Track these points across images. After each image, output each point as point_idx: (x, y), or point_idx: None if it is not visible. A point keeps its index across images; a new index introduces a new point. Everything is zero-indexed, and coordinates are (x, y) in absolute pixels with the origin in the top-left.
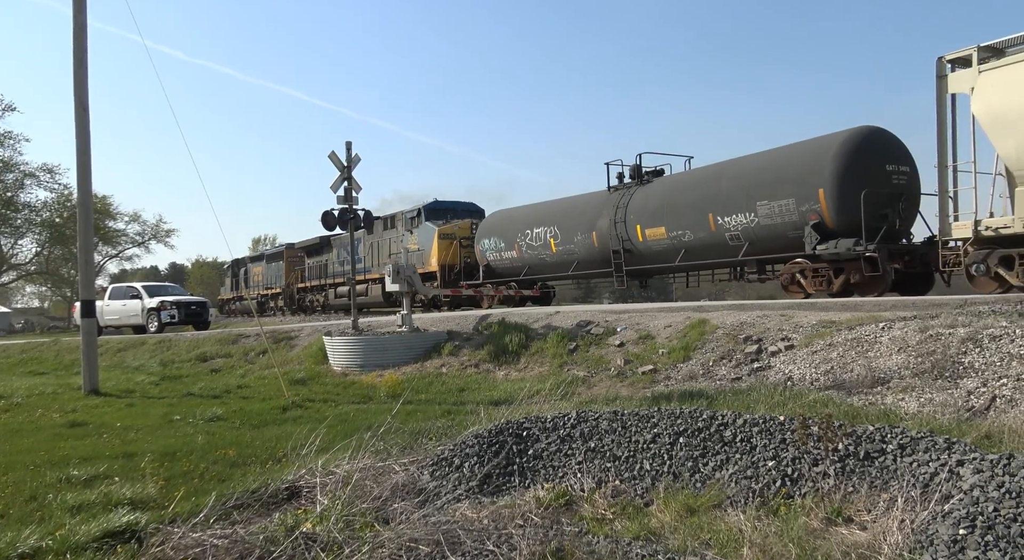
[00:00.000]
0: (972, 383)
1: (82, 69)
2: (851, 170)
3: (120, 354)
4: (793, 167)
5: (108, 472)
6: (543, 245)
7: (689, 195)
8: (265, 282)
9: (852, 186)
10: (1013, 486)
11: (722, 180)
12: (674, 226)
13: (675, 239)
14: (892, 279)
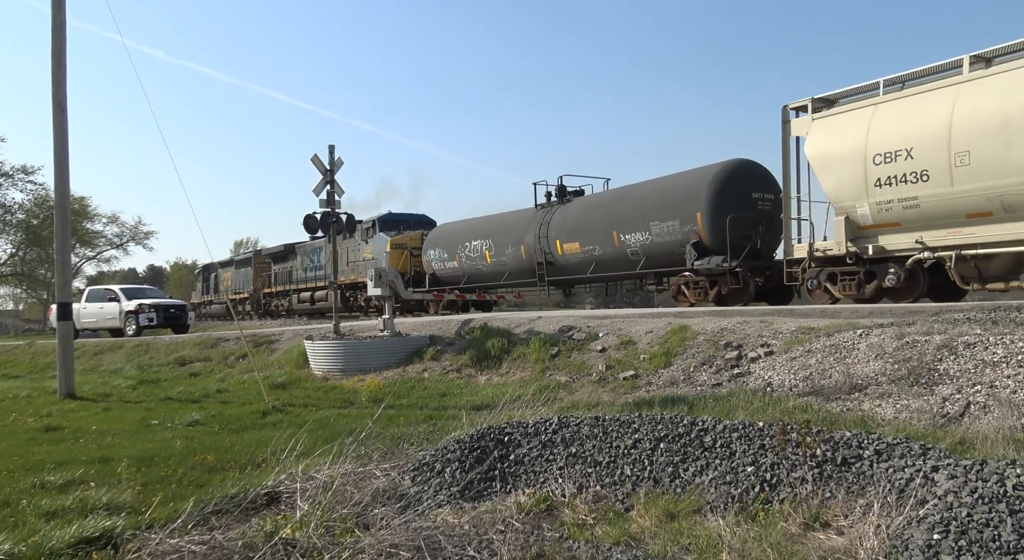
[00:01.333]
0: (947, 390)
1: (60, 68)
2: (721, 197)
3: (97, 357)
4: (678, 193)
5: (84, 477)
6: (480, 256)
7: (598, 215)
8: (234, 287)
9: (722, 211)
10: (986, 491)
11: (624, 202)
12: (586, 242)
13: (587, 253)
14: (755, 291)
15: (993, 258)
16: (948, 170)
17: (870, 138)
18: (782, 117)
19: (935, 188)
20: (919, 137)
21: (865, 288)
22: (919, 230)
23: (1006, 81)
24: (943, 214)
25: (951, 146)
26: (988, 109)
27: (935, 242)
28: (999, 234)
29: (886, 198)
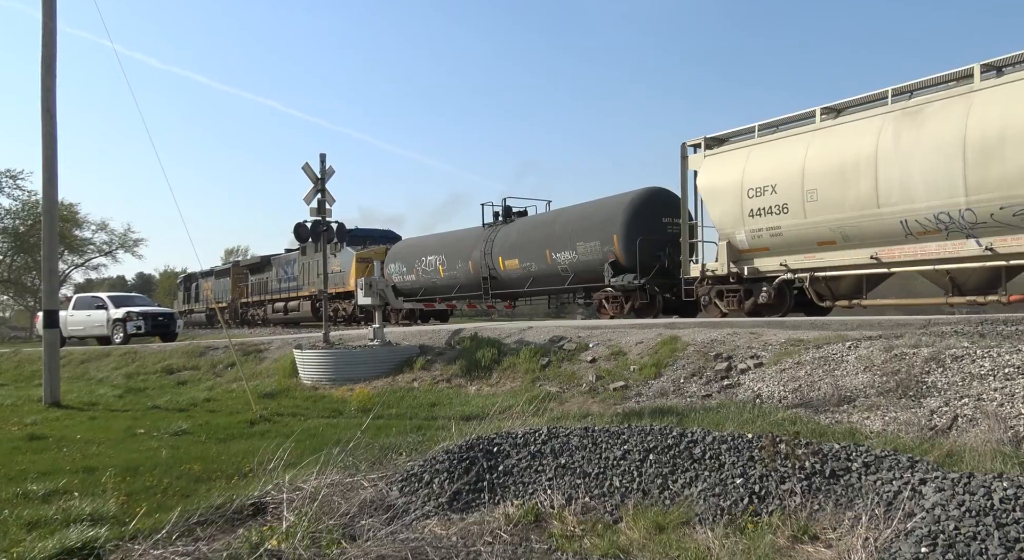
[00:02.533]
0: (935, 402)
1: (50, 75)
2: (634, 221)
3: (83, 365)
4: (599, 217)
5: (67, 487)
6: (435, 271)
7: (535, 234)
8: (214, 296)
9: (634, 234)
10: (973, 504)
11: (556, 224)
12: (524, 259)
13: (525, 269)
14: (664, 305)
15: (840, 279)
16: (802, 204)
17: (746, 174)
18: (681, 153)
19: (793, 219)
20: (781, 175)
21: (745, 304)
22: (783, 254)
23: (845, 131)
24: (800, 241)
25: (804, 184)
26: (831, 155)
27: (796, 265)
28: (841, 259)
29: (758, 226)
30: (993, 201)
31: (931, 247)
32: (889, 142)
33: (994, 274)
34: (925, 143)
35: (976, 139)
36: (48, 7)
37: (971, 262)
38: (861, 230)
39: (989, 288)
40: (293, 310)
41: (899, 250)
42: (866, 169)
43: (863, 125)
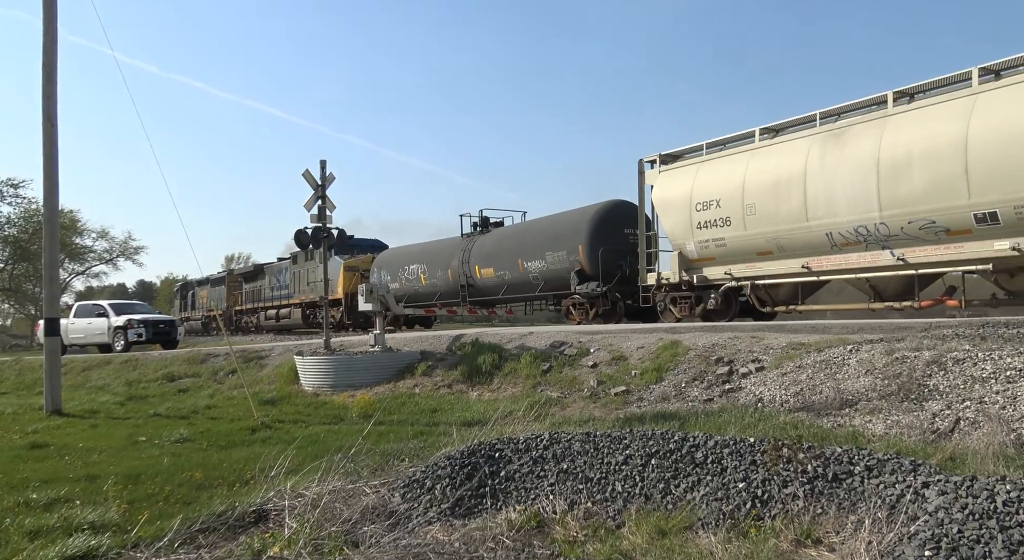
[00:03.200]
0: (937, 405)
1: (51, 83)
2: (597, 233)
3: (84, 373)
4: (566, 228)
5: (69, 495)
6: (416, 279)
7: (508, 244)
8: (209, 304)
9: (598, 244)
10: (976, 508)
11: (528, 234)
12: (499, 267)
13: (499, 277)
14: (626, 311)
15: (779, 287)
16: (743, 218)
17: (694, 189)
18: (638, 168)
19: (735, 231)
20: (725, 190)
21: (696, 309)
22: (728, 264)
23: (780, 150)
24: (741, 252)
25: (744, 199)
26: (767, 172)
27: (739, 273)
28: (778, 268)
29: (705, 238)
30: (902, 216)
31: (853, 257)
32: (816, 161)
33: (909, 282)
34: (846, 162)
35: (888, 159)
36: (49, 15)
37: (887, 271)
38: (793, 242)
39: (906, 295)
40: (285, 317)
41: (826, 260)
42: (796, 185)
43: (794, 145)
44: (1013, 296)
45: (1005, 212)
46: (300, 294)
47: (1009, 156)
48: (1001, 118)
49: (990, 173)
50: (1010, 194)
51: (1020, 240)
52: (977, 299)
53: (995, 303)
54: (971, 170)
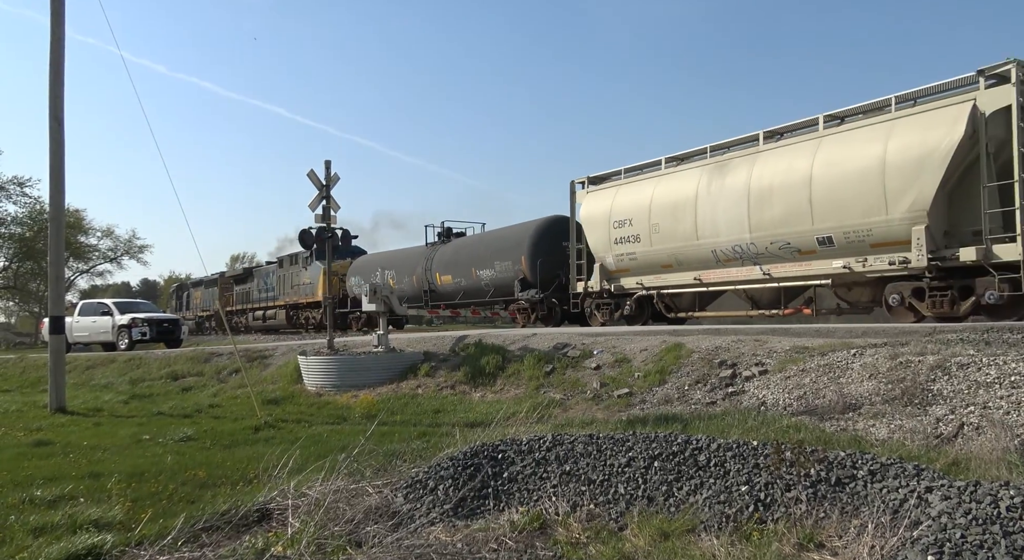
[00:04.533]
0: (941, 410)
1: (58, 82)
2: (537, 245)
3: (88, 372)
4: (511, 241)
5: (73, 493)
6: (386, 284)
7: (464, 254)
8: (202, 305)
9: (537, 255)
10: (980, 513)
11: (481, 245)
12: (456, 275)
13: (456, 284)
14: (560, 316)
15: (681, 295)
16: (649, 235)
17: (613, 209)
18: (570, 189)
19: (644, 247)
20: (636, 211)
21: (615, 314)
22: (639, 275)
23: (680, 177)
24: (649, 265)
25: (651, 218)
26: (669, 195)
27: (648, 284)
28: (677, 280)
29: (620, 252)
30: (767, 237)
31: (733, 271)
32: (704, 188)
33: (777, 292)
34: (727, 190)
35: (756, 189)
36: (56, 14)
37: (759, 283)
38: (688, 257)
39: (776, 304)
40: (271, 318)
41: (714, 273)
42: (689, 209)
43: (690, 173)
44: (851, 306)
45: (838, 237)
46: (285, 296)
47: (840, 190)
48: (836, 158)
49: (827, 204)
50: (841, 222)
51: (850, 260)
52: (825, 308)
53: (839, 312)
54: (814, 201)
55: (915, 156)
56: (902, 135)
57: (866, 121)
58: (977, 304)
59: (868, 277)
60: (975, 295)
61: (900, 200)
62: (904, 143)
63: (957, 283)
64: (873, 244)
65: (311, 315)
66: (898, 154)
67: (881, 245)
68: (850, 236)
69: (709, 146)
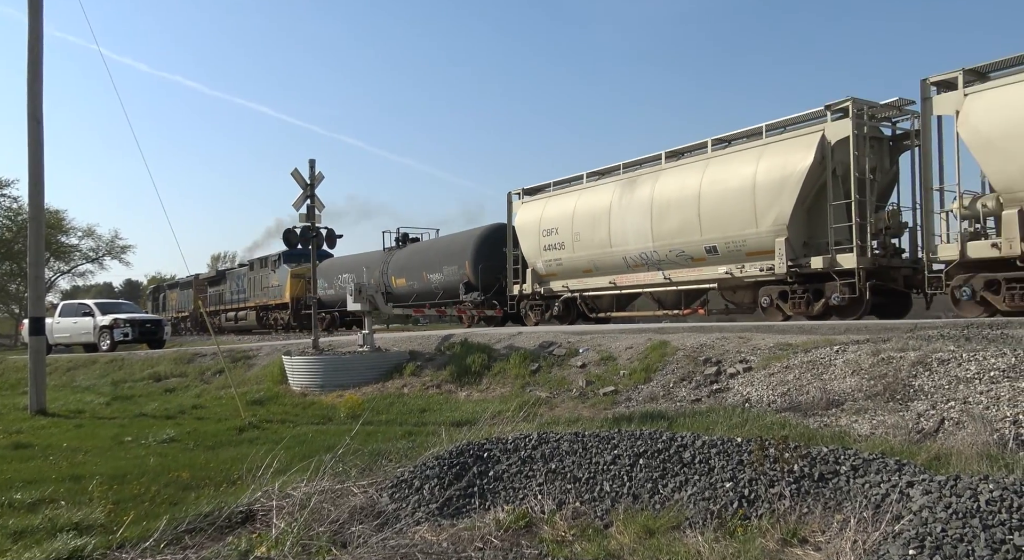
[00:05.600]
0: (922, 406)
1: (37, 81)
2: (480, 251)
3: (70, 373)
4: (457, 247)
5: (54, 496)
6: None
7: (416, 259)
8: (178, 306)
9: (479, 261)
10: (960, 507)
11: (431, 251)
12: (409, 278)
13: (410, 286)
14: (501, 316)
15: (601, 297)
16: (572, 243)
17: (543, 219)
18: (508, 199)
19: (568, 253)
20: (561, 220)
21: (546, 314)
22: (565, 279)
23: (598, 191)
24: (572, 270)
25: (573, 228)
26: (589, 207)
27: (573, 287)
28: (596, 283)
29: (548, 258)
30: (666, 246)
31: (641, 276)
32: (617, 201)
33: (678, 295)
34: (634, 204)
35: (658, 203)
36: (34, 11)
37: (662, 287)
38: (604, 263)
39: (678, 305)
40: (242, 319)
41: (625, 278)
42: (604, 219)
43: (606, 187)
44: (737, 306)
45: (721, 246)
46: (255, 298)
47: (722, 206)
48: (720, 178)
49: (712, 218)
50: (723, 233)
51: (731, 267)
52: (716, 309)
53: (727, 312)
54: (702, 215)
55: (777, 178)
56: (769, 159)
57: (745, 145)
58: (827, 305)
59: (746, 282)
60: (825, 297)
61: (766, 215)
62: (770, 166)
63: (812, 287)
64: (748, 253)
65: (279, 316)
66: (765, 175)
67: (754, 254)
68: (730, 246)
69: (622, 163)
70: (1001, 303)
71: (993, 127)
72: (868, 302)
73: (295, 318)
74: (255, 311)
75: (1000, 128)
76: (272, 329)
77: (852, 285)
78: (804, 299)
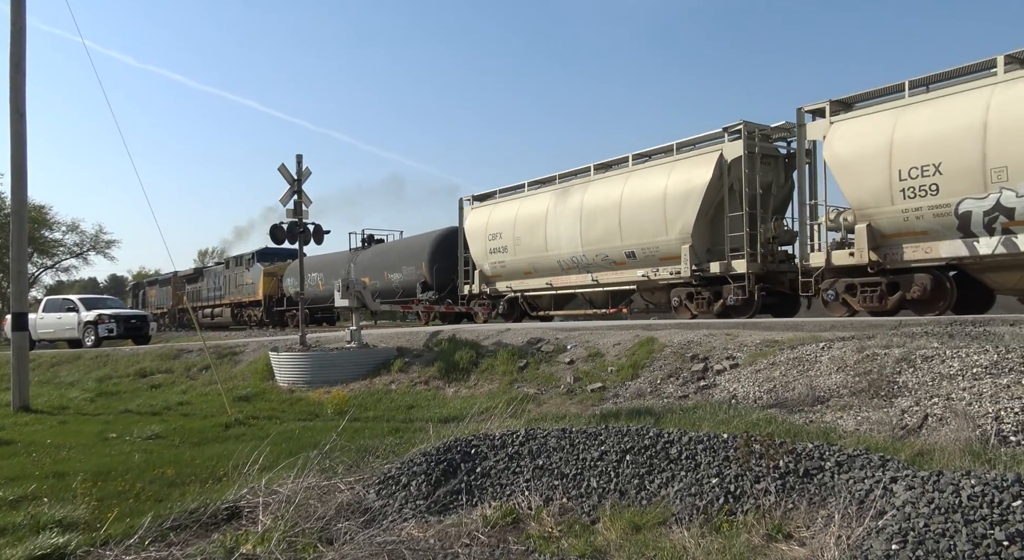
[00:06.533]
0: (906, 402)
1: (19, 73)
2: (435, 254)
3: (53, 369)
4: (415, 248)
5: (37, 493)
6: (316, 285)
7: (379, 259)
8: (157, 302)
9: (435, 262)
10: (942, 502)
11: (392, 252)
12: (373, 277)
13: (373, 286)
14: (454, 314)
15: (540, 297)
16: (514, 246)
17: (489, 224)
18: (459, 205)
19: (510, 256)
20: (504, 226)
21: (492, 312)
22: (508, 280)
23: (537, 199)
24: (515, 271)
25: (515, 233)
26: (528, 213)
27: (516, 287)
28: (535, 284)
29: (494, 260)
30: (593, 251)
31: (573, 278)
32: (553, 209)
33: (606, 295)
34: (567, 211)
35: (587, 211)
36: (17, 2)
37: (591, 288)
38: (541, 265)
39: (606, 305)
40: (218, 316)
41: (560, 279)
42: (542, 225)
43: (544, 196)
44: (655, 306)
45: (638, 252)
46: (230, 295)
47: (638, 215)
48: (638, 189)
49: (631, 225)
50: (640, 240)
51: (647, 270)
52: (638, 308)
53: (647, 310)
54: (622, 223)
55: (683, 191)
56: (677, 174)
57: (660, 160)
58: (724, 305)
59: (660, 284)
60: (723, 298)
61: (674, 225)
62: (678, 180)
63: (713, 289)
64: (660, 258)
65: (252, 313)
66: (673, 188)
67: (665, 259)
68: (646, 251)
69: (558, 174)
70: (857, 304)
71: (848, 152)
72: (758, 303)
73: (267, 315)
74: (230, 308)
75: (853, 153)
76: (246, 325)
77: (743, 288)
78: (707, 299)
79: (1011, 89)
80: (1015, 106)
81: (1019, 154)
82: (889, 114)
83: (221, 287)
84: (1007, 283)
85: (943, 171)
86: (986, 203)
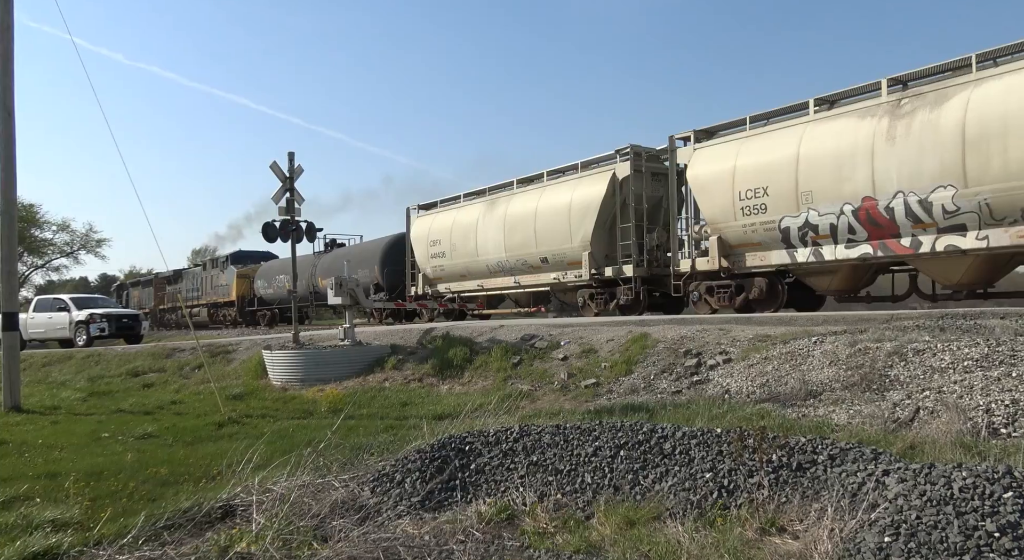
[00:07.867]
0: (898, 395)
1: (7, 72)
2: (386, 257)
3: (45, 369)
4: (369, 252)
5: (29, 493)
6: (282, 286)
7: (338, 263)
8: (139, 303)
9: (386, 265)
10: (934, 494)
11: (350, 255)
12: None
13: None
14: (404, 313)
15: (475, 298)
16: (451, 251)
17: (431, 231)
18: (406, 214)
19: (448, 261)
20: (442, 233)
21: (433, 312)
22: (447, 282)
23: (468, 209)
24: (453, 274)
25: (451, 239)
26: (462, 222)
27: (454, 289)
28: (469, 286)
29: (434, 264)
30: (515, 256)
31: (500, 280)
32: (483, 218)
33: (528, 296)
34: (494, 220)
35: (509, 221)
36: (5, 3)
37: (515, 289)
38: (474, 269)
39: (529, 305)
40: (196, 315)
41: (490, 282)
42: (472, 233)
43: (476, 206)
44: (568, 305)
45: (550, 257)
46: (206, 296)
47: (549, 225)
48: (551, 202)
49: (544, 234)
50: (551, 247)
51: (558, 274)
52: (555, 307)
53: (561, 308)
54: (537, 232)
55: (583, 204)
56: (580, 189)
57: (569, 177)
58: (618, 304)
59: (568, 285)
60: (616, 298)
61: (576, 234)
62: (580, 194)
63: (608, 290)
64: (568, 263)
65: (227, 313)
66: (577, 202)
67: (571, 264)
68: (556, 257)
69: (488, 187)
70: (715, 303)
71: (705, 175)
72: (644, 302)
73: (240, 314)
74: (207, 308)
75: (708, 176)
76: (221, 325)
77: (632, 289)
78: (604, 299)
79: (817, 127)
80: (818, 140)
81: (820, 179)
82: (733, 144)
83: (199, 288)
84: (822, 285)
85: (769, 193)
86: (799, 221)
